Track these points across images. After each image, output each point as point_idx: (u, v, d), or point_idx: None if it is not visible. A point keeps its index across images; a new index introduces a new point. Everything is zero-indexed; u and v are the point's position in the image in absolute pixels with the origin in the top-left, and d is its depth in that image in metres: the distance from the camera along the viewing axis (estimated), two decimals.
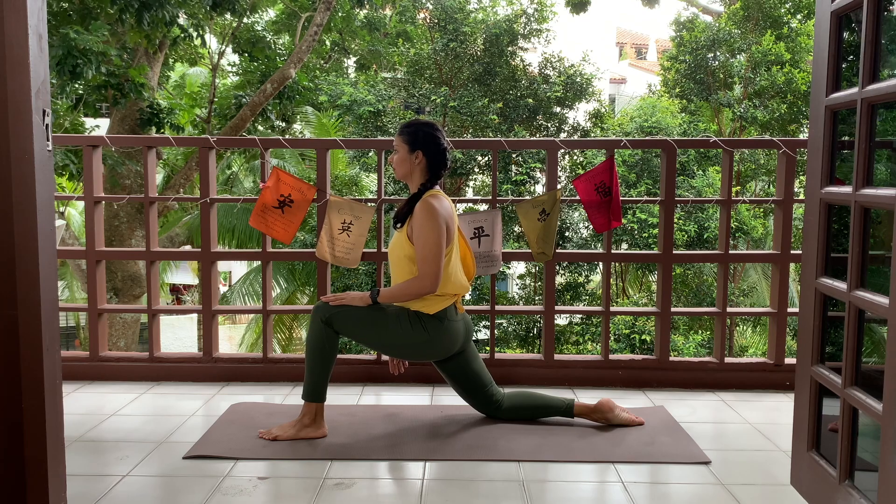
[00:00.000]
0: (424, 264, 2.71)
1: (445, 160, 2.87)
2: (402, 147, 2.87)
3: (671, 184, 3.58)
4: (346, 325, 2.78)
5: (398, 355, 2.96)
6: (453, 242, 2.83)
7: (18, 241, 1.80)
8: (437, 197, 2.79)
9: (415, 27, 11.85)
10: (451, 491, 2.42)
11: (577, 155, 11.59)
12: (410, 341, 2.81)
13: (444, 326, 2.82)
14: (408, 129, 2.87)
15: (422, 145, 2.84)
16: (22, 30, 1.75)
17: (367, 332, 2.81)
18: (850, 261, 1.96)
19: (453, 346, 2.88)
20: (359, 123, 10.94)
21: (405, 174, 2.88)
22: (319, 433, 2.82)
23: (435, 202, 2.75)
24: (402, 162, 2.86)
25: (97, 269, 3.71)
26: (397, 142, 2.89)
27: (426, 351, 2.87)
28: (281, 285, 11.81)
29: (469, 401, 3.02)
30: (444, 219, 2.74)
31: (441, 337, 2.82)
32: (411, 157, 2.84)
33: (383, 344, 2.88)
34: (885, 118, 1.94)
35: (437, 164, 2.86)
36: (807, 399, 2.21)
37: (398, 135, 2.89)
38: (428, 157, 2.84)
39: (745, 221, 10.46)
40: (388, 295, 2.79)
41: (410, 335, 2.80)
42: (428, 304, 2.81)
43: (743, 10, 11.94)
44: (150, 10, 6.58)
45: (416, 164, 2.84)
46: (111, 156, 7.92)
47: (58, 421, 1.94)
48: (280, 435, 2.79)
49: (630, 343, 9.79)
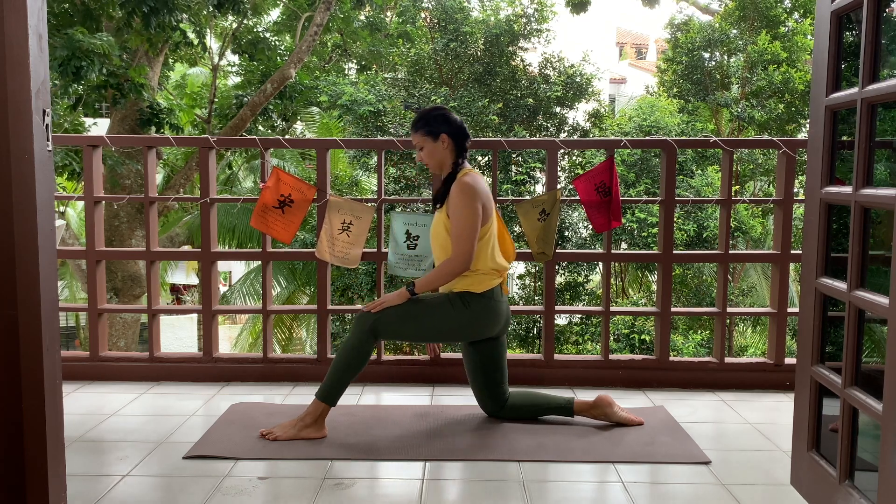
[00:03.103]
0: (458, 242, 2.75)
1: (466, 131, 2.92)
2: (424, 140, 2.89)
3: (671, 184, 3.58)
4: (391, 327, 2.80)
5: (442, 339, 2.96)
6: (491, 220, 2.86)
7: (18, 241, 1.80)
8: (472, 175, 2.83)
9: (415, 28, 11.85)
10: (451, 491, 2.42)
11: (576, 155, 11.59)
12: (456, 323, 2.83)
13: (490, 306, 2.85)
14: (421, 122, 2.89)
15: (442, 128, 2.87)
16: (22, 30, 1.75)
17: (412, 326, 2.82)
18: (850, 261, 1.96)
19: (496, 325, 2.90)
20: (359, 123, 10.94)
21: (438, 163, 2.90)
22: (320, 434, 2.82)
23: (470, 180, 2.78)
24: (433, 153, 2.89)
25: (97, 269, 3.71)
26: (418, 139, 2.90)
27: (470, 330, 2.88)
28: (281, 285, 11.81)
29: (481, 394, 3.01)
30: (481, 197, 2.78)
31: (486, 315, 2.85)
32: (438, 143, 2.87)
33: (428, 333, 2.89)
34: (885, 118, 1.94)
35: (461, 138, 2.90)
36: (807, 399, 2.21)
37: (414, 132, 2.91)
38: (451, 135, 2.88)
39: (744, 221, 10.46)
40: (424, 284, 2.81)
41: (455, 317, 2.82)
42: (475, 283, 2.83)
43: (739, 10, 11.94)
44: (158, 14, 6.60)
45: (444, 148, 2.88)
46: (111, 156, 7.92)
47: (58, 421, 1.94)
48: (280, 435, 2.79)
49: (630, 343, 9.79)
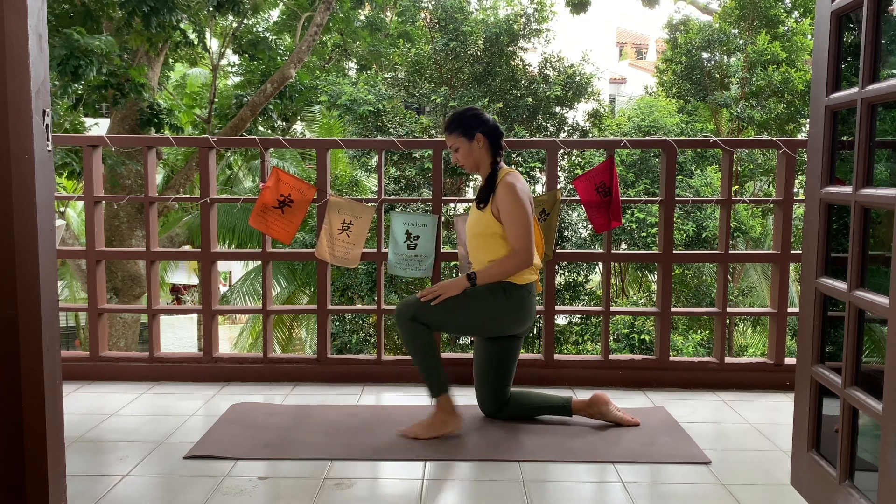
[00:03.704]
0: (519, 241, 2.78)
1: (500, 130, 2.94)
2: (460, 142, 2.91)
3: (671, 184, 3.58)
4: (434, 317, 2.82)
5: (477, 332, 2.96)
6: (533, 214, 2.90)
7: (18, 241, 1.80)
8: (514, 174, 2.87)
9: (415, 27, 11.85)
10: (451, 491, 2.42)
11: (576, 155, 11.58)
12: (497, 313, 2.85)
13: (527, 300, 2.88)
14: (455, 123, 2.91)
15: (477, 128, 2.89)
16: (22, 30, 1.75)
17: (455, 317, 2.84)
18: (850, 261, 1.96)
19: (528, 320, 2.93)
20: (359, 123, 10.94)
21: (475, 164, 2.92)
22: (458, 423, 2.83)
23: (515, 181, 2.82)
24: (468, 154, 2.90)
25: (97, 269, 3.71)
26: (453, 140, 2.92)
27: (507, 322, 2.89)
28: (281, 285, 11.81)
29: (486, 392, 3.01)
30: (528, 193, 2.84)
31: (522, 308, 2.87)
32: (473, 144, 2.89)
33: (467, 323, 2.90)
34: (885, 118, 1.94)
35: (496, 137, 2.92)
36: (807, 399, 2.21)
37: (449, 134, 2.92)
38: (486, 135, 2.89)
39: (744, 221, 10.46)
40: (486, 276, 2.82)
41: (496, 307, 2.84)
42: (518, 275, 2.85)
43: (738, 10, 11.94)
44: (158, 14, 6.60)
45: (480, 148, 2.90)
46: (111, 156, 7.92)
47: (58, 421, 1.94)
48: (421, 434, 2.81)
49: (629, 343, 9.79)
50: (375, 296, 3.75)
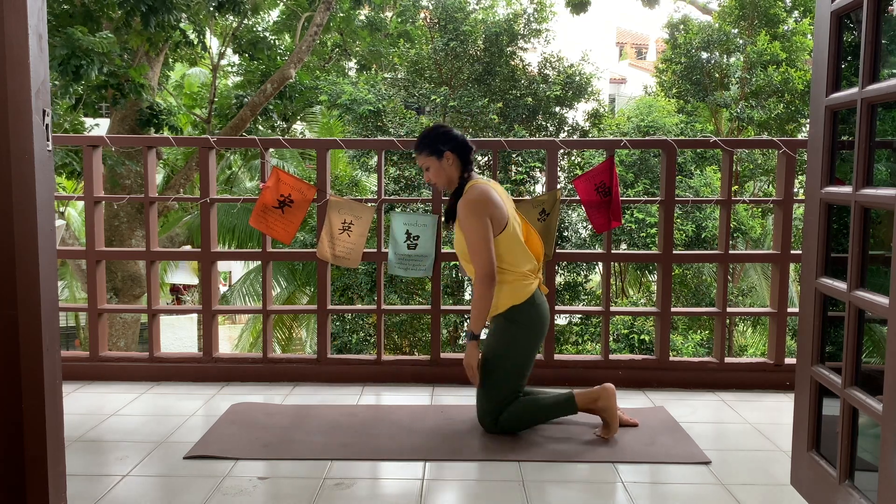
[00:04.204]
0: (476, 257, 2.76)
1: (469, 144, 2.92)
2: (429, 161, 2.90)
3: (671, 184, 3.58)
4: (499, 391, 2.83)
5: (528, 358, 2.88)
6: (508, 224, 2.84)
7: (18, 241, 1.80)
8: (476, 187, 2.82)
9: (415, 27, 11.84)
10: (451, 491, 2.42)
11: (575, 155, 11.58)
12: (521, 339, 2.83)
13: (536, 309, 2.86)
14: (424, 143, 2.90)
15: (445, 146, 2.87)
16: (22, 30, 1.75)
17: (505, 371, 2.83)
18: (850, 261, 1.96)
19: (545, 327, 2.90)
20: (359, 123, 10.93)
21: (447, 181, 2.92)
22: (605, 391, 2.84)
23: (474, 195, 2.78)
24: (439, 172, 2.90)
25: (97, 269, 3.71)
26: (423, 160, 2.92)
27: (534, 340, 2.87)
28: (281, 285, 11.80)
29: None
30: (488, 208, 2.77)
31: (537, 320, 2.86)
32: (443, 162, 2.88)
33: (517, 362, 2.86)
34: (885, 118, 1.94)
35: (465, 152, 2.90)
36: (807, 399, 2.21)
37: (419, 154, 2.92)
38: (456, 151, 2.88)
39: (744, 221, 10.46)
40: (475, 320, 2.80)
41: (517, 337, 2.83)
42: (513, 294, 2.82)
43: (738, 9, 11.94)
44: (157, 14, 6.60)
45: (450, 165, 2.89)
46: (111, 156, 7.92)
47: (58, 421, 1.94)
48: (614, 427, 2.83)
49: (629, 343, 9.78)
50: (375, 296, 3.75)
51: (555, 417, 2.92)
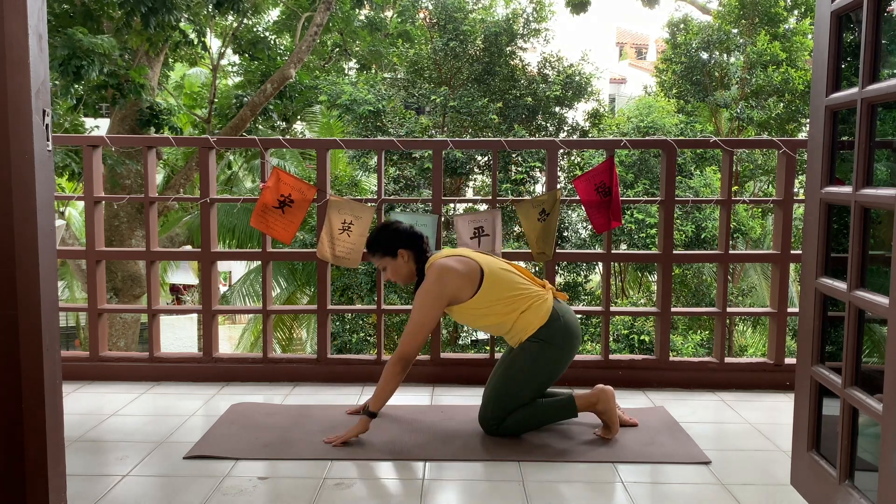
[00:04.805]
0: (408, 337, 2.77)
1: (417, 235, 2.94)
2: (385, 261, 2.93)
3: (671, 184, 3.58)
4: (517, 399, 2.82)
5: (554, 378, 2.88)
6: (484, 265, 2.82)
7: (18, 241, 1.80)
8: (435, 265, 2.82)
9: (414, 27, 11.84)
10: (451, 491, 2.42)
11: (575, 155, 11.58)
12: (550, 360, 2.82)
13: (566, 326, 2.84)
14: (376, 245, 2.93)
15: (397, 245, 2.90)
16: (22, 30, 1.75)
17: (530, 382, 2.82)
18: (850, 261, 1.96)
19: (578, 339, 2.89)
20: (358, 123, 10.93)
21: (408, 275, 2.94)
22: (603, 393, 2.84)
23: (433, 275, 2.79)
24: (397, 270, 2.93)
25: (97, 269, 3.71)
26: (379, 262, 2.95)
27: (566, 356, 2.86)
28: (281, 285, 11.80)
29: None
30: (446, 285, 2.77)
31: (570, 336, 2.84)
32: (398, 260, 2.91)
33: (540, 384, 2.85)
34: (885, 118, 1.94)
35: (416, 245, 2.92)
36: (807, 399, 2.21)
37: (373, 256, 2.96)
38: (408, 247, 2.91)
39: (744, 222, 10.46)
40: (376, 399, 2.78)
41: (545, 357, 2.81)
42: (538, 315, 2.81)
43: (738, 8, 11.94)
44: (157, 14, 6.60)
45: (405, 262, 2.92)
46: (111, 156, 7.92)
47: (58, 421, 1.94)
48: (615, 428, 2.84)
49: (629, 343, 9.79)
50: (375, 296, 3.75)
51: (555, 421, 2.93)
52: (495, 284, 2.80)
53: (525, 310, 2.81)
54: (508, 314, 2.81)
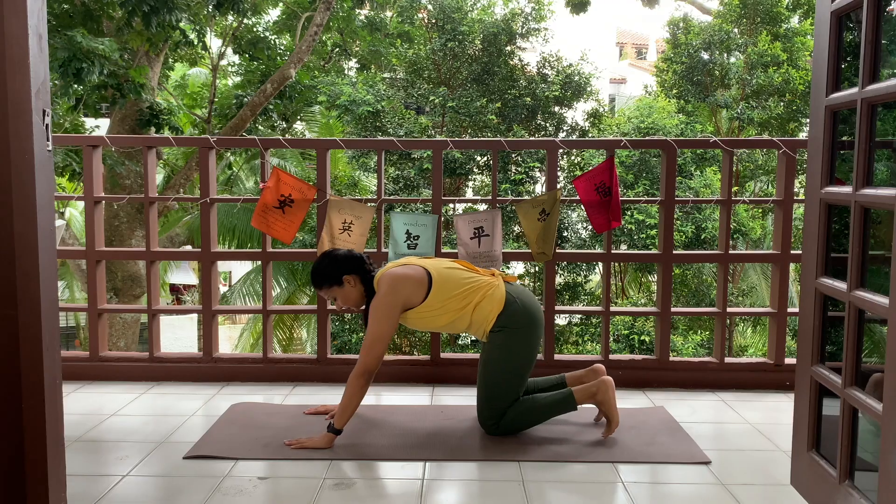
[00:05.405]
0: (368, 349, 2.76)
1: (358, 258, 2.94)
2: (333, 291, 2.93)
3: (671, 184, 3.58)
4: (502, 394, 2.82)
5: (530, 358, 2.89)
6: (432, 268, 2.84)
7: (18, 241, 1.80)
8: (383, 278, 2.82)
9: (413, 27, 11.84)
10: (451, 491, 2.42)
11: (575, 155, 11.58)
12: (521, 346, 2.83)
13: (524, 307, 2.84)
14: (321, 279, 2.92)
15: (341, 272, 2.90)
16: (22, 30, 1.75)
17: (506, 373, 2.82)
18: (850, 261, 1.96)
19: (538, 317, 2.89)
20: (358, 123, 10.94)
21: (359, 298, 2.94)
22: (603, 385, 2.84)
23: (384, 288, 2.79)
24: (347, 296, 2.93)
25: (97, 269, 3.71)
26: (327, 293, 2.95)
27: (533, 340, 2.87)
28: (281, 285, 11.80)
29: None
30: (398, 295, 2.77)
31: (530, 316, 2.84)
32: (346, 287, 2.91)
33: (520, 370, 2.86)
34: (885, 118, 1.94)
35: (360, 267, 2.92)
36: (807, 399, 2.21)
37: (319, 290, 2.96)
38: (352, 272, 2.91)
39: (744, 223, 10.46)
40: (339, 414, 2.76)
41: (514, 343, 2.82)
42: (492, 303, 2.81)
43: (739, 8, 11.93)
44: (158, 14, 6.59)
45: (353, 286, 2.91)
46: (111, 156, 7.92)
47: (58, 421, 1.94)
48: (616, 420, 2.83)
49: (629, 343, 9.79)
50: None
51: (555, 416, 2.91)
52: (444, 283, 2.81)
53: (479, 301, 2.81)
54: (463, 308, 2.81)
